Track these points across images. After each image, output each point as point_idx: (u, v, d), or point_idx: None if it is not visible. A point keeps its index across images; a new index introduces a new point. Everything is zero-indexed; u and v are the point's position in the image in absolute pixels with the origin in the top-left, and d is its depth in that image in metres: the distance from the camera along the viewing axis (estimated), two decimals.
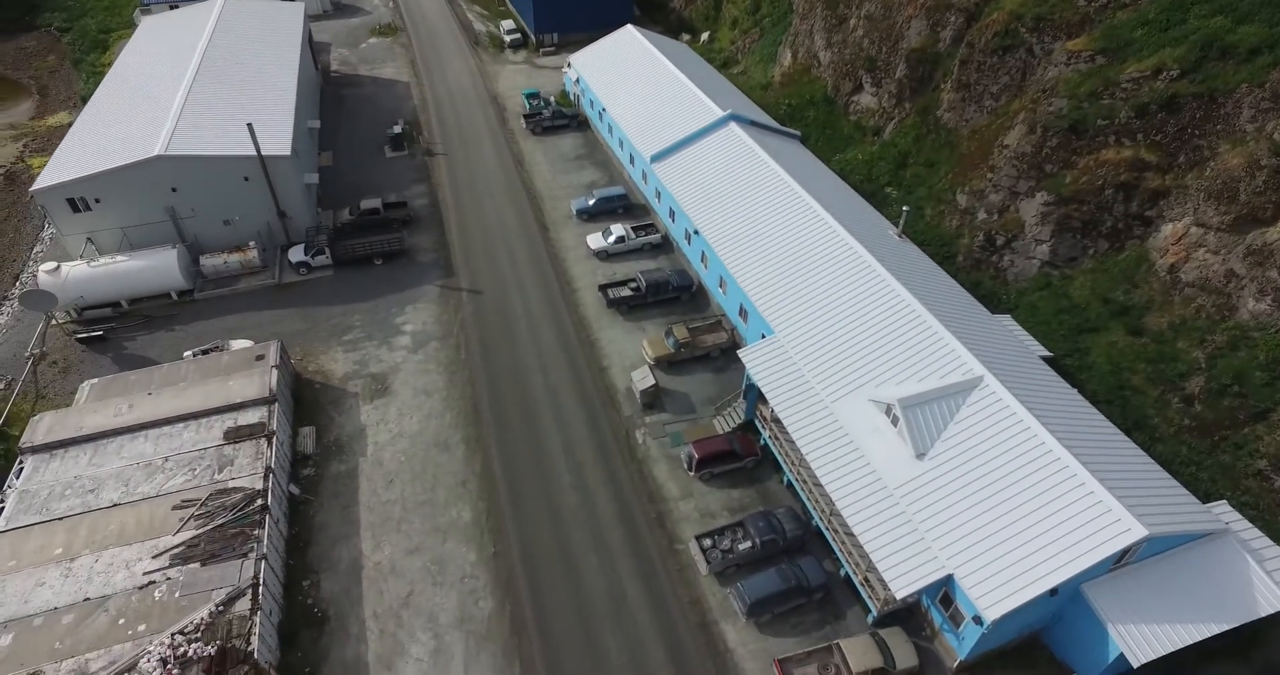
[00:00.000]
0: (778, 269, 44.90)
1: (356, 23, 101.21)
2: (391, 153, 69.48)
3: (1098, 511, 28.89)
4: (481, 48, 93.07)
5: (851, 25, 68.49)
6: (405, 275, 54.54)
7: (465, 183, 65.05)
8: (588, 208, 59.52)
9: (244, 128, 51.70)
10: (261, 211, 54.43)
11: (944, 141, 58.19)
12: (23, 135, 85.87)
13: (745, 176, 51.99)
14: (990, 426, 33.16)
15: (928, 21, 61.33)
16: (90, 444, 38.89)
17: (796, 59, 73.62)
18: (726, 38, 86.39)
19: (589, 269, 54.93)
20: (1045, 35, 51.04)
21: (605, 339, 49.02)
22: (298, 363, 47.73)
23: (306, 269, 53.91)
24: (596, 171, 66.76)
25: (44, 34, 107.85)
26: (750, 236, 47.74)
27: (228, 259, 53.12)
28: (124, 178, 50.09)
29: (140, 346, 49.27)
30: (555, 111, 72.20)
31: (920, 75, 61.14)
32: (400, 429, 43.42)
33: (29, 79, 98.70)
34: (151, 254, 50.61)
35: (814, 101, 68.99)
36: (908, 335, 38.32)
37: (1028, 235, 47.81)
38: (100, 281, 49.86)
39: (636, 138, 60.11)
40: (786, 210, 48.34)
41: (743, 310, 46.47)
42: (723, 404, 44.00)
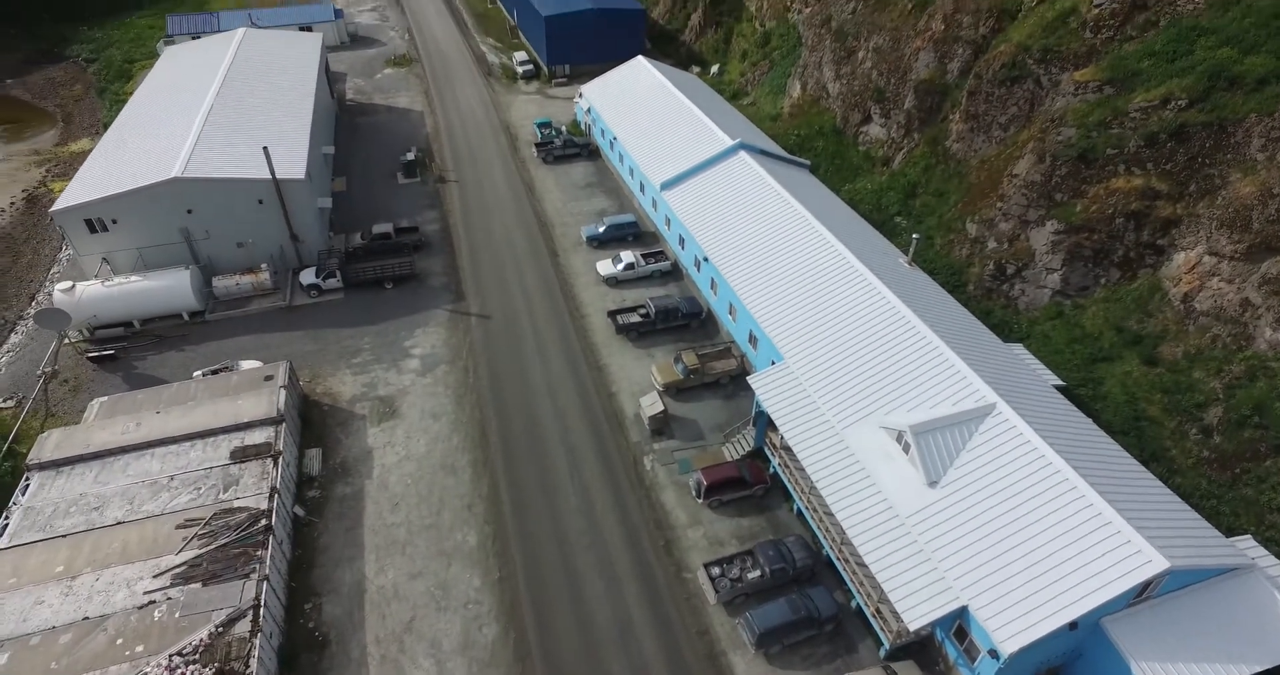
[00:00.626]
0: (788, 296, 44.84)
1: (373, 54, 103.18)
2: (404, 179, 70.25)
3: (1117, 542, 28.28)
4: (494, 78, 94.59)
5: (860, 57, 69.41)
6: (415, 299, 54.70)
7: (476, 209, 65.59)
8: (598, 234, 59.83)
9: (260, 152, 52.45)
10: (274, 234, 54.90)
11: (953, 171, 58.49)
12: (46, 161, 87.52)
13: (755, 204, 52.24)
14: (1004, 454, 32.70)
15: (936, 54, 62.09)
16: (97, 461, 38.75)
17: (805, 90, 74.50)
18: (736, 70, 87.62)
19: (598, 295, 55.02)
20: (1052, 66, 51.54)
21: (614, 365, 48.86)
22: (306, 384, 47.68)
23: (317, 291, 54.18)
24: (607, 199, 67.28)
25: (72, 65, 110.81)
26: (760, 263, 47.79)
27: (240, 280, 53.44)
28: (141, 199, 50.71)
29: (150, 366, 49.36)
30: (566, 140, 73.04)
31: (929, 106, 61.71)
32: (407, 451, 43.13)
33: (55, 107, 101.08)
34: (164, 275, 50.97)
35: (823, 132, 69.63)
36: (919, 362, 38.05)
37: (1038, 264, 47.71)
38: (113, 301, 50.17)
39: (647, 166, 60.64)
40: (796, 237, 48.44)
41: (752, 337, 46.32)
42: (732, 431, 43.63)
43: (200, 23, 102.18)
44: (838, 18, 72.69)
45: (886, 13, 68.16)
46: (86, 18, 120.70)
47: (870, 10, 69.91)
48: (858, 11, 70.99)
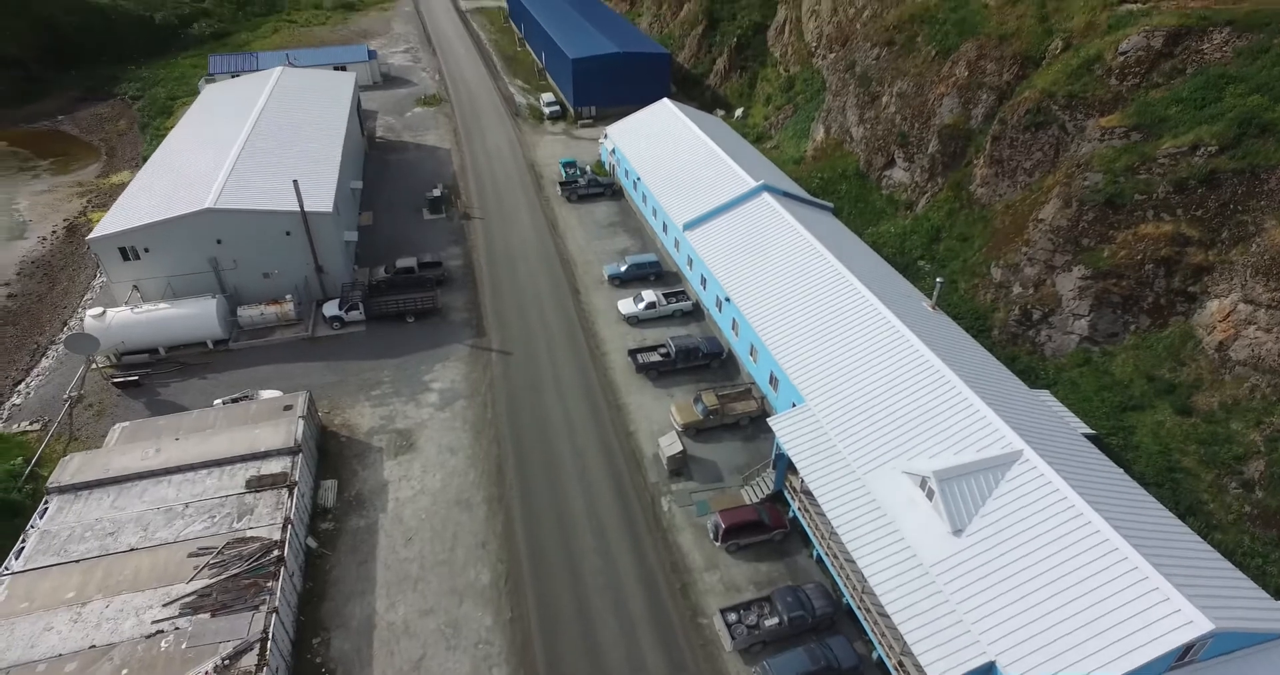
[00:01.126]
0: (809, 338, 44.46)
1: (403, 93, 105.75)
2: (430, 215, 71.23)
3: (1155, 600, 27.12)
4: (521, 118, 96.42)
5: (884, 102, 70.02)
6: (436, 333, 54.92)
7: (500, 246, 66.21)
8: (620, 273, 60.02)
9: (289, 185, 53.45)
10: (300, 266, 55.62)
11: (977, 216, 58.32)
12: (88, 192, 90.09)
13: (778, 245, 52.24)
14: (1033, 504, 31.76)
15: (960, 99, 62.49)
16: (115, 486, 38.76)
17: (829, 134, 75.11)
18: (760, 114, 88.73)
19: (619, 333, 54.93)
20: (1078, 112, 51.60)
21: (633, 404, 48.48)
22: (325, 415, 47.69)
23: (340, 324, 54.57)
24: (629, 238, 67.69)
25: (119, 102, 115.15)
26: (782, 305, 47.55)
27: (264, 311, 53.99)
28: (173, 229, 51.71)
29: (173, 393, 49.68)
30: (591, 180, 73.93)
31: (952, 151, 61.90)
32: (423, 486, 42.77)
33: (100, 141, 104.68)
34: (192, 303, 51.64)
35: (846, 175, 69.96)
36: (943, 407, 37.34)
37: (1065, 310, 47.07)
38: (141, 327, 50.80)
39: (670, 206, 61.07)
40: (819, 279, 48.23)
41: (773, 378, 45.86)
42: (751, 473, 42.91)
43: (240, 62, 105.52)
44: (861, 64, 73.60)
45: (910, 59, 68.94)
46: (136, 58, 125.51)
47: (894, 57, 70.76)
48: (881, 58, 71.87)
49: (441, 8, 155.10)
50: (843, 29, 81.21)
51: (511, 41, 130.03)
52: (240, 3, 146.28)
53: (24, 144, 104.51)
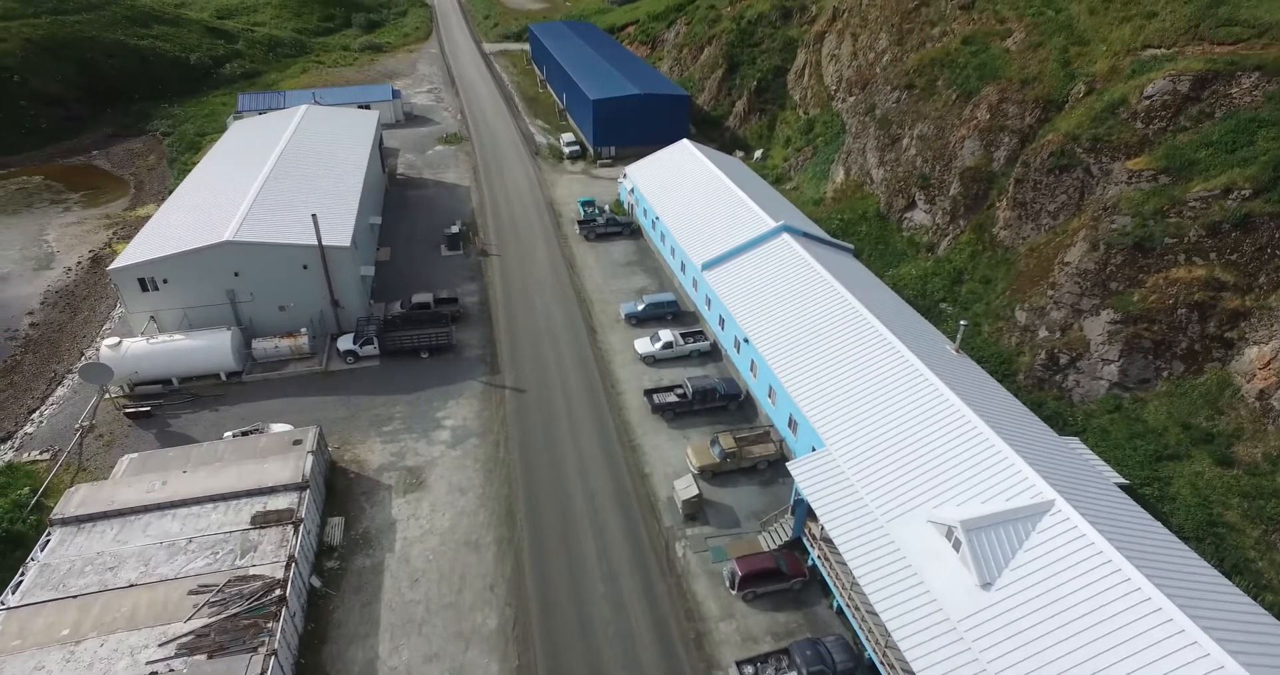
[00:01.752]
0: (830, 380, 43.42)
1: (425, 132, 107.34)
2: (447, 251, 71.36)
3: (1207, 667, 25.40)
4: (541, 158, 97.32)
5: (904, 144, 69.95)
6: (450, 370, 54.34)
7: (517, 283, 65.99)
8: (637, 312, 59.43)
9: (308, 219, 53.64)
10: (316, 299, 55.52)
11: (1000, 258, 57.51)
12: (115, 224, 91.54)
13: (797, 286, 51.55)
14: (1066, 557, 30.25)
15: (981, 142, 62.23)
16: (119, 519, 38.01)
17: (849, 176, 75.00)
18: (780, 155, 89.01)
19: (635, 373, 54.09)
20: (1103, 155, 51.09)
21: (648, 445, 47.39)
22: (335, 450, 46.95)
23: (354, 358, 54.16)
24: (647, 277, 67.30)
25: (150, 138, 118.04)
26: (801, 346, 46.64)
27: (279, 344, 53.75)
28: (192, 260, 51.87)
29: (184, 424, 49.20)
30: (609, 219, 73.97)
31: (975, 193, 61.42)
32: (431, 525, 41.70)
33: (130, 176, 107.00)
34: (206, 335, 51.49)
35: (866, 217, 69.55)
36: (969, 453, 36.06)
37: (1094, 355, 45.84)
38: (156, 358, 50.62)
39: (688, 245, 60.73)
40: (839, 320, 47.38)
41: (792, 421, 44.71)
42: (769, 519, 41.51)
43: (267, 100, 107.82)
44: (882, 107, 73.80)
45: (931, 102, 69.02)
46: (170, 96, 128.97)
47: (914, 100, 70.91)
48: (902, 101, 72.05)
49: (466, 50, 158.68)
50: (862, 73, 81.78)
51: (533, 83, 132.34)
52: (271, 45, 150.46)
53: (58, 178, 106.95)
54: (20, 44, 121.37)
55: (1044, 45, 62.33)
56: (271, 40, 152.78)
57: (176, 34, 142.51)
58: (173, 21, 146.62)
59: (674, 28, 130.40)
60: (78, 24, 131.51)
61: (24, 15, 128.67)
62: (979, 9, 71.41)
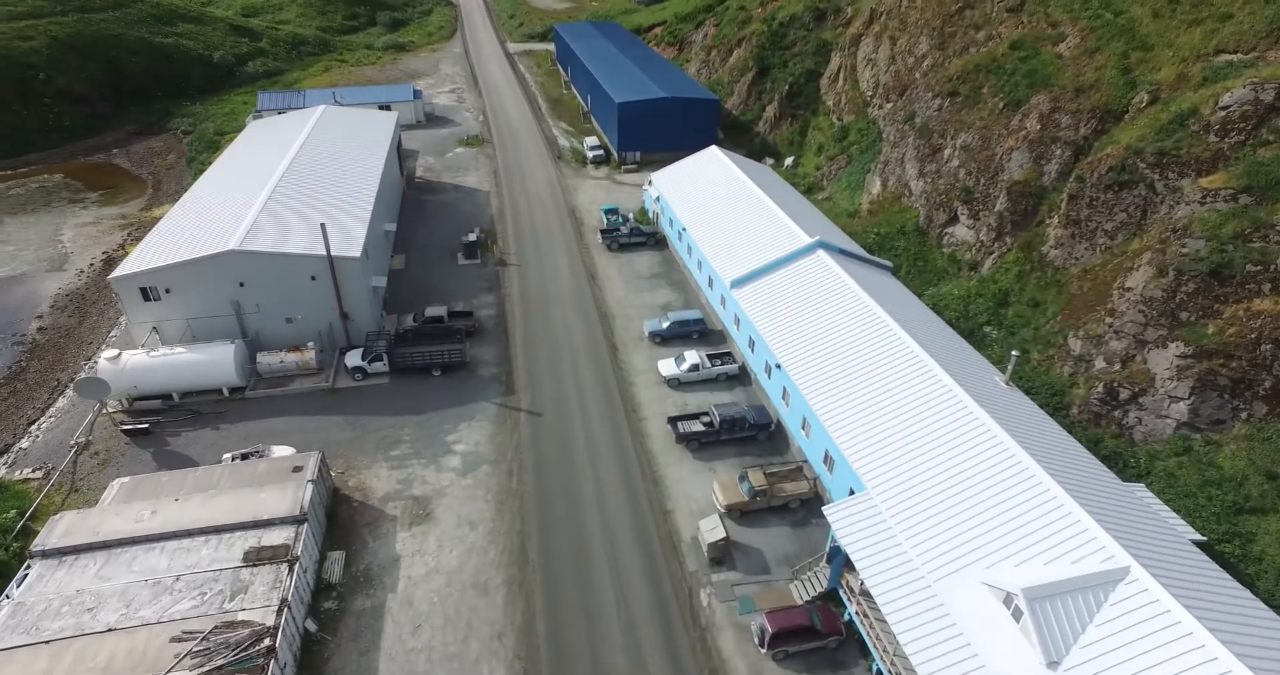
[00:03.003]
0: (869, 414, 40.02)
1: (446, 133, 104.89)
2: (464, 260, 68.62)
3: None
4: (564, 162, 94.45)
5: (946, 155, 66.16)
6: (463, 389, 51.47)
7: (536, 295, 63.05)
8: (661, 331, 56.18)
9: (318, 228, 51.08)
10: (324, 312, 52.94)
11: (1050, 280, 53.66)
12: (130, 225, 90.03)
13: (834, 309, 48.12)
14: (1147, 636, 26.68)
15: (1030, 154, 58.37)
16: (103, 552, 35.52)
17: (886, 187, 71.29)
18: (812, 163, 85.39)
19: (658, 397, 50.88)
20: (1170, 171, 47.17)
21: (671, 477, 44.21)
22: (338, 476, 44.26)
23: (362, 375, 51.50)
24: (672, 292, 64.03)
25: (171, 136, 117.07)
26: (839, 375, 43.22)
27: (284, 358, 51.23)
28: (196, 269, 49.48)
29: (183, 443, 46.77)
30: (633, 228, 70.84)
31: (1023, 209, 57.57)
32: (437, 563, 38.81)
33: (148, 175, 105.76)
34: (209, 348, 49.07)
35: (905, 231, 65.84)
36: (1028, 505, 32.54)
37: (1159, 391, 41.99)
38: (156, 372, 48.28)
39: (716, 260, 57.44)
40: (879, 347, 43.94)
41: (828, 458, 41.32)
42: (802, 567, 38.15)
43: (287, 99, 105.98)
44: (922, 115, 70.03)
45: (975, 111, 65.18)
46: (192, 94, 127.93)
47: (957, 108, 67.08)
48: (944, 109, 68.24)
49: (490, 50, 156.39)
50: (900, 78, 77.98)
51: (557, 84, 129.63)
52: (294, 43, 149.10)
53: (79, 176, 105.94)
54: (47, 42, 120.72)
55: (1101, 50, 58.29)
56: (295, 38, 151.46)
57: (201, 32, 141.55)
58: (198, 19, 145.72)
59: (702, 29, 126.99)
60: (103, 22, 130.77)
61: (51, 13, 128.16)
62: (1028, 12, 67.40)
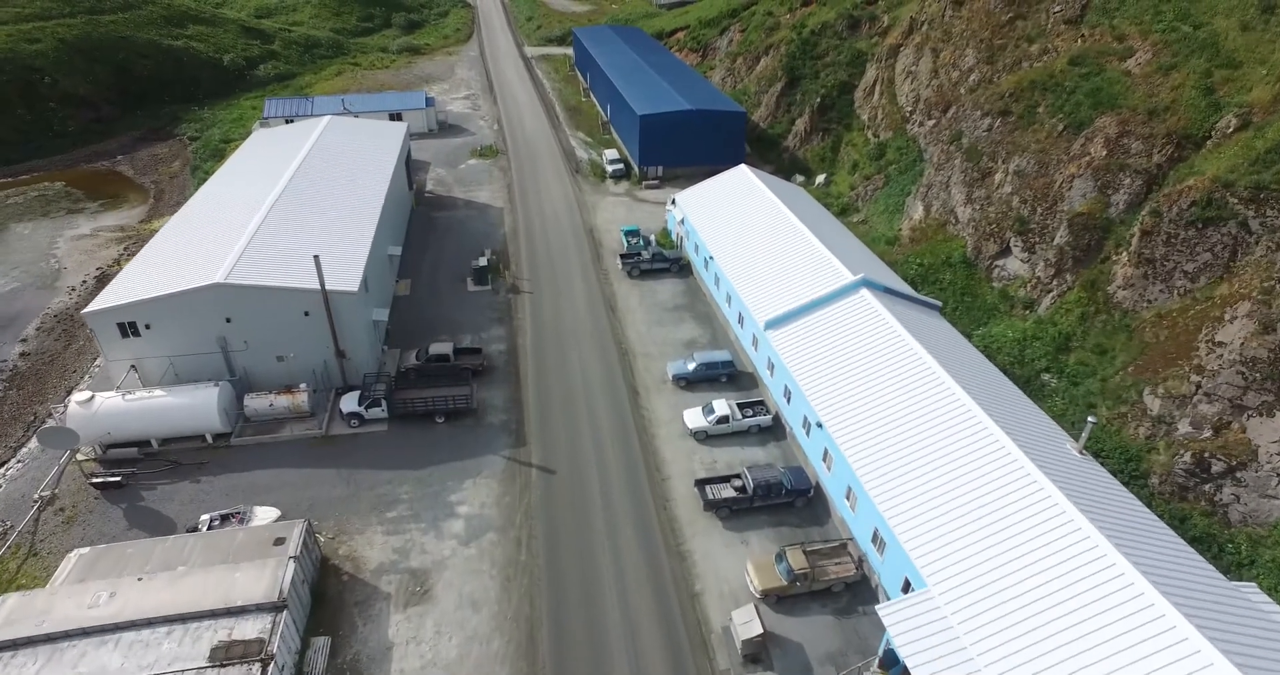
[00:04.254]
0: (926, 489, 35.01)
1: (459, 143, 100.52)
2: (474, 286, 64.01)
3: None
4: (581, 176, 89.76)
5: (997, 180, 60.88)
6: (469, 439, 46.75)
7: (550, 328, 58.27)
8: (686, 374, 51.17)
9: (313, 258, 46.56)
10: (319, 350, 48.41)
11: (1118, 324, 48.41)
12: (127, 238, 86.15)
13: (882, 359, 43.07)
14: None
15: (1095, 182, 53.07)
16: (48, 646, 30.96)
17: (929, 213, 66.04)
18: (845, 183, 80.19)
19: (684, 452, 45.93)
20: (1267, 208, 41.94)
21: (699, 551, 39.28)
22: (328, 542, 39.70)
23: (358, 421, 46.92)
24: (697, 326, 59.02)
25: (177, 142, 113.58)
26: (889, 440, 38.20)
27: (274, 401, 46.75)
28: (177, 304, 45.08)
29: (158, 498, 42.36)
30: (655, 253, 65.95)
31: (1086, 243, 52.30)
32: (434, 655, 34.08)
33: (151, 183, 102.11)
34: (190, 391, 44.65)
35: (950, 263, 60.58)
36: (1127, 618, 27.45)
37: (1263, 466, 36.69)
38: (132, 417, 43.91)
39: (748, 296, 52.41)
40: (935, 408, 38.91)
41: (878, 537, 36.27)
42: (851, 673, 33.12)
43: (294, 106, 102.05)
44: (970, 135, 64.77)
45: (1031, 132, 59.89)
46: (200, 98, 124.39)
47: (1010, 129, 61.79)
48: (994, 129, 62.96)
49: (506, 53, 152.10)
50: (944, 94, 72.70)
51: (576, 91, 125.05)
52: (307, 45, 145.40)
53: (80, 184, 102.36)
54: (54, 45, 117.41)
55: (1178, 68, 52.90)
56: (308, 41, 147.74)
57: (212, 34, 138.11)
58: (209, 21, 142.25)
59: (727, 35, 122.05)
60: (113, 23, 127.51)
61: (60, 15, 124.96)
62: (1089, 24, 62.04)
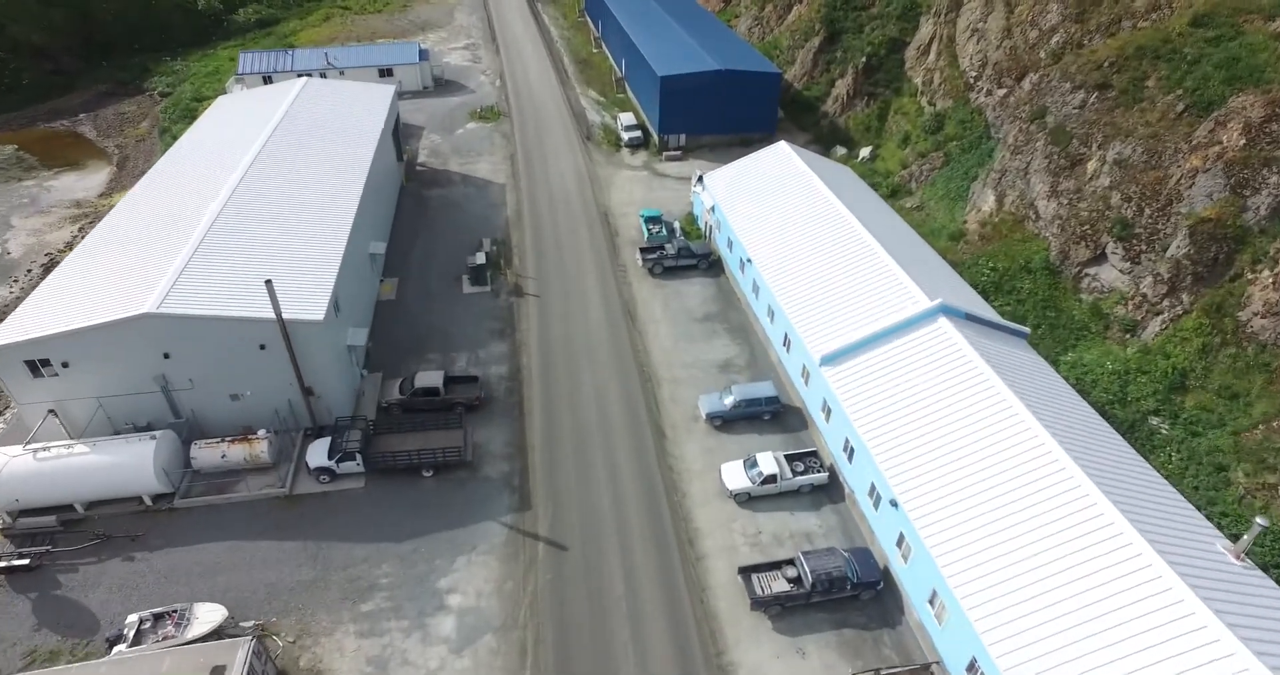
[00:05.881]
0: (1038, 609, 27.14)
1: (456, 103, 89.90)
2: (470, 287, 55.08)
3: None
4: (594, 143, 79.58)
5: (1091, 169, 51.08)
6: (463, 499, 38.63)
7: (559, 343, 49.55)
8: (723, 412, 42.68)
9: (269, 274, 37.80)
10: (281, 385, 39.99)
11: (1254, 363, 39.81)
12: (83, 216, 77.09)
13: (969, 413, 34.57)
14: None
15: (1227, 180, 43.57)
16: None
17: (1003, 205, 56.31)
18: (895, 158, 70.01)
19: (723, 519, 37.80)
20: None
21: (746, 666, 31.48)
22: (289, 646, 32.11)
23: (329, 477, 38.87)
24: (732, 342, 50.08)
25: (147, 98, 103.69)
26: (987, 532, 30.07)
27: (227, 451, 38.62)
28: (100, 338, 36.53)
29: (78, 586, 34.59)
30: (682, 247, 56.57)
31: (1211, 256, 43.18)
32: None
33: (115, 148, 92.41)
34: (120, 446, 36.46)
35: (1030, 268, 51.23)
36: None
37: None
38: (47, 480, 35.92)
39: (799, 318, 43.41)
40: (1042, 486, 30.92)
41: (975, 667, 28.40)
42: None
43: (273, 61, 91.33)
44: (1056, 112, 54.55)
45: (1138, 112, 49.82)
46: (173, 48, 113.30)
47: (1109, 107, 51.61)
48: (1088, 106, 52.75)
49: None
50: (1019, 58, 62.02)
51: (586, 39, 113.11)
52: None
53: (35, 147, 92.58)
54: None
55: None
56: None
57: None
58: None
59: None
60: None
61: None
62: None
